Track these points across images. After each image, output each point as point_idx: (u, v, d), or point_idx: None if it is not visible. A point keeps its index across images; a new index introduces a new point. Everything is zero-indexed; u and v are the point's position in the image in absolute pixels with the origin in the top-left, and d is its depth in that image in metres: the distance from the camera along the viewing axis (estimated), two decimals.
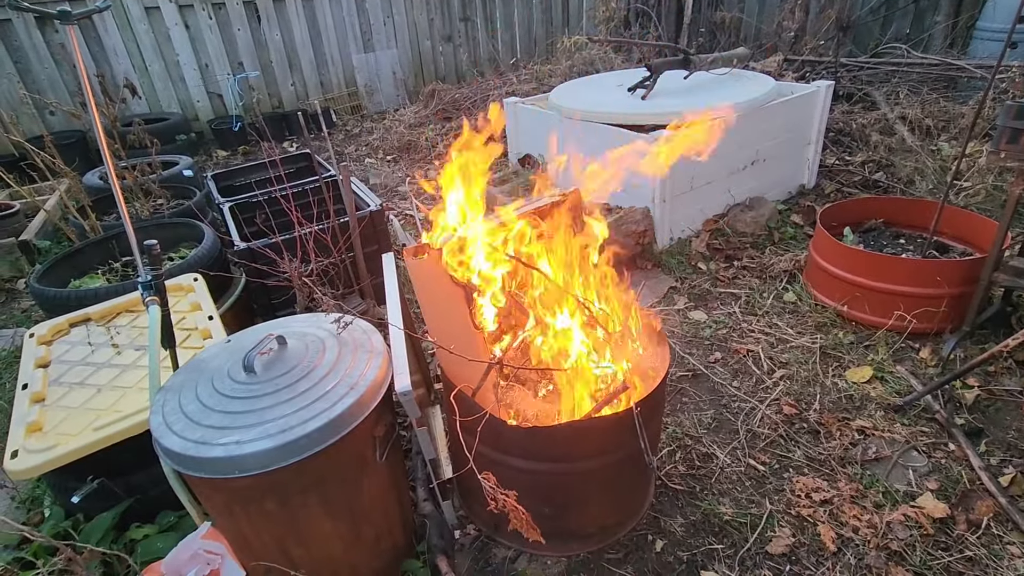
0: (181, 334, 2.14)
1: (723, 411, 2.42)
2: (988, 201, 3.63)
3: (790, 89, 3.93)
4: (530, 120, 4.25)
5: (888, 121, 4.63)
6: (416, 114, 6.53)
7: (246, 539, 1.49)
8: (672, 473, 2.13)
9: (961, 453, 2.11)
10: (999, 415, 2.28)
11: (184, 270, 2.49)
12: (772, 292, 3.12)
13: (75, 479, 1.73)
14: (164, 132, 5.54)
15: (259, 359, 1.47)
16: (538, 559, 1.85)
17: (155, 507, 1.89)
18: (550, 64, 7.08)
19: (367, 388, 1.43)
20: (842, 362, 2.61)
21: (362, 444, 1.47)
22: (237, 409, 1.35)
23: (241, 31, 6.54)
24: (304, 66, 7.02)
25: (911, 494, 1.98)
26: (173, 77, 6.42)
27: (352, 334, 1.62)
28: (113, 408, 1.80)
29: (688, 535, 1.91)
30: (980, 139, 4.08)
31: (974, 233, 2.88)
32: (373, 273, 2.70)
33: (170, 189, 3.73)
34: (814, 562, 1.80)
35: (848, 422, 2.29)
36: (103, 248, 2.93)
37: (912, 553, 1.79)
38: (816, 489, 2.02)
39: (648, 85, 3.73)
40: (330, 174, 3.33)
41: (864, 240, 3.13)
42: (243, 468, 1.27)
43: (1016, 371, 2.45)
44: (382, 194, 4.84)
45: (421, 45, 7.66)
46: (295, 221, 2.52)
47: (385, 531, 1.68)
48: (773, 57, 5.45)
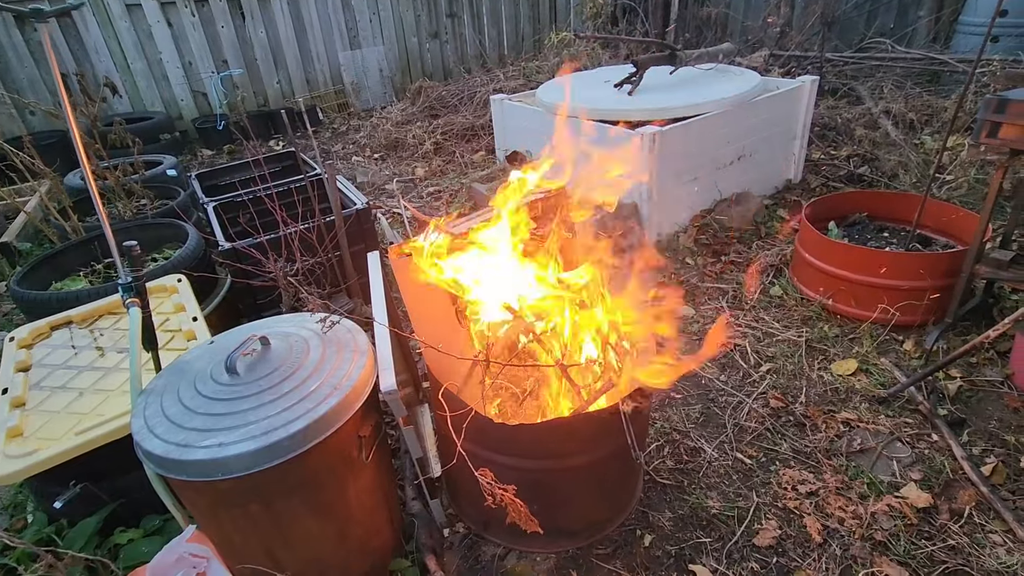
0: (165, 336, 2.11)
1: (711, 405, 2.43)
2: (971, 194, 3.68)
3: (776, 84, 3.95)
4: (517, 117, 4.24)
5: (873, 115, 4.67)
6: (403, 111, 6.50)
7: (232, 542, 1.48)
8: (660, 468, 2.15)
9: (944, 443, 2.14)
10: (981, 405, 2.31)
11: (168, 271, 2.47)
12: (758, 286, 3.14)
13: (58, 484, 1.71)
14: (147, 131, 5.47)
15: (242, 360, 1.45)
16: (527, 556, 1.85)
17: (140, 511, 1.87)
18: (537, 60, 7.07)
19: (351, 388, 1.42)
20: (827, 355, 2.63)
21: (347, 444, 1.46)
22: (220, 411, 1.34)
23: (225, 28, 6.47)
24: (289, 63, 6.95)
25: (895, 485, 2.01)
26: (156, 76, 6.34)
27: (337, 334, 1.61)
28: (95, 412, 1.78)
29: (676, 529, 1.92)
30: (962, 133, 4.12)
31: (956, 226, 2.91)
32: (360, 272, 2.68)
33: (154, 189, 3.69)
34: (800, 554, 1.82)
35: (833, 414, 2.32)
36: (85, 250, 2.89)
37: (896, 543, 1.81)
38: (802, 481, 2.04)
39: (634, 81, 3.73)
40: (315, 173, 3.30)
41: (849, 234, 3.16)
42: (226, 470, 1.26)
43: (998, 362, 2.49)
44: (369, 192, 4.81)
45: (408, 42, 7.62)
46: (280, 220, 2.49)
47: (373, 531, 1.68)
48: (759, 52, 5.48)
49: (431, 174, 5.08)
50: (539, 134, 4.03)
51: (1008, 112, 2.15)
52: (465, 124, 5.75)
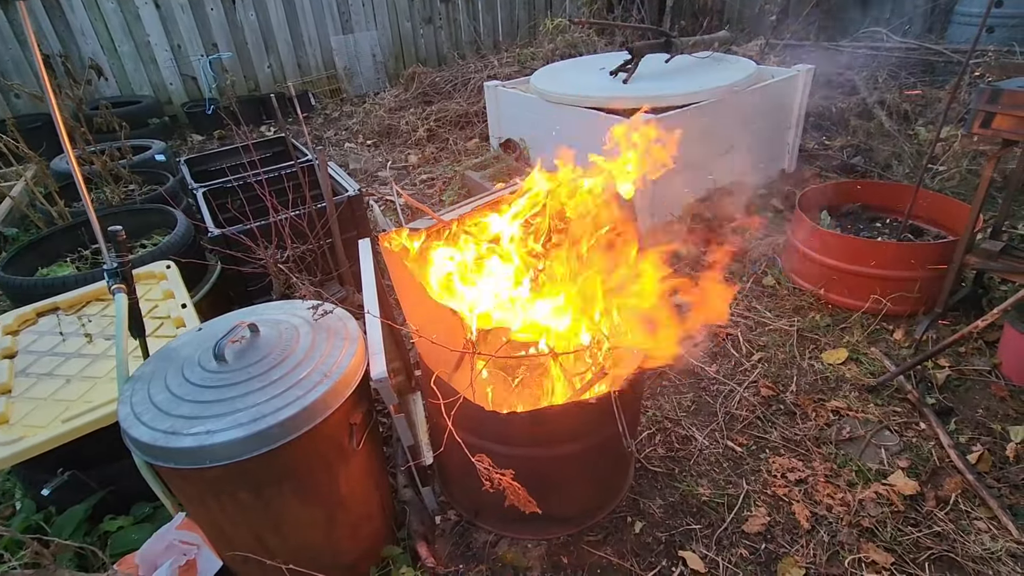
0: (153, 323, 2.09)
1: (702, 394, 2.44)
2: (963, 185, 3.69)
3: (771, 73, 3.93)
4: (512, 104, 4.20)
5: (867, 105, 4.66)
6: (396, 98, 6.42)
7: (222, 529, 1.48)
8: (652, 456, 2.16)
9: (931, 432, 2.16)
10: (969, 394, 2.34)
11: (156, 257, 2.44)
12: (751, 276, 3.14)
13: (45, 472, 1.70)
14: (136, 116, 5.38)
15: (230, 347, 1.44)
16: (518, 543, 1.86)
17: (130, 498, 1.86)
18: (532, 47, 7.00)
19: (342, 375, 1.41)
20: (818, 344, 2.65)
21: (337, 432, 1.45)
22: (208, 398, 1.33)
23: (214, 11, 6.35)
24: (281, 48, 6.85)
25: (883, 472, 2.03)
26: (144, 59, 6.23)
27: (327, 321, 1.60)
28: (83, 399, 1.76)
29: (667, 516, 1.94)
30: (956, 124, 4.13)
31: (948, 216, 2.92)
32: (352, 260, 2.66)
33: (142, 175, 3.63)
34: (788, 540, 1.84)
35: (823, 403, 2.33)
36: (72, 235, 2.84)
37: (883, 529, 1.83)
38: (791, 469, 2.06)
39: (630, 68, 3.70)
40: (307, 159, 3.26)
41: (841, 224, 3.16)
42: (214, 458, 1.25)
43: (986, 351, 2.51)
44: (362, 179, 4.77)
45: (401, 27, 7.52)
46: (270, 207, 2.46)
47: (364, 518, 1.68)
48: (755, 41, 5.45)
49: (424, 161, 5.03)
50: (534, 121, 3.99)
51: (1001, 102, 2.14)
52: (459, 111, 5.69)
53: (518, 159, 4.21)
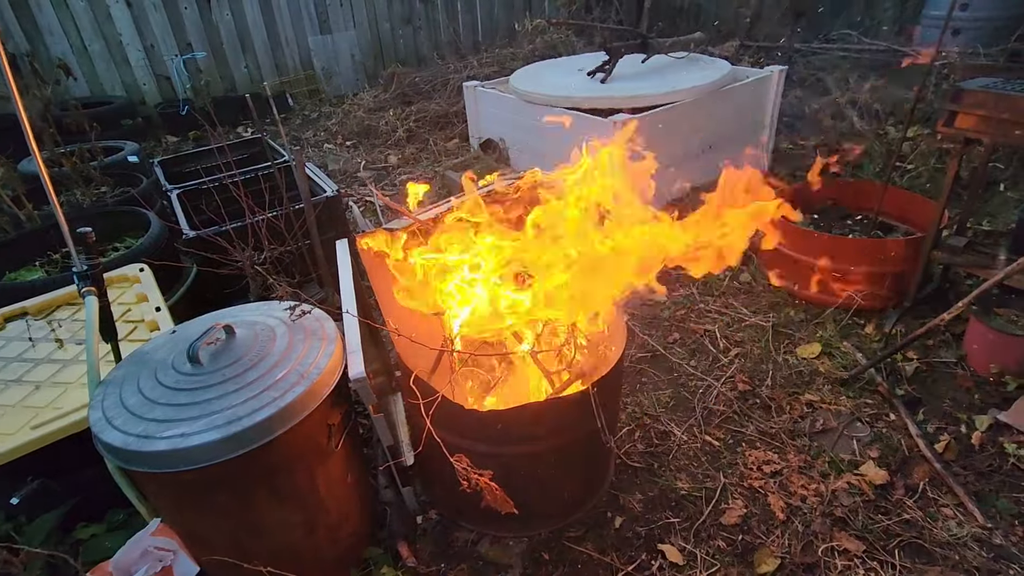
0: (126, 326, 2.06)
1: (680, 390, 2.48)
2: (931, 183, 3.79)
3: (745, 73, 4.00)
4: (491, 104, 4.21)
5: (839, 106, 4.77)
6: (375, 98, 6.39)
7: (198, 534, 1.46)
8: (631, 451, 2.18)
9: (901, 422, 2.22)
10: (936, 385, 2.41)
11: (129, 260, 2.39)
12: (728, 273, 3.19)
13: (15, 480, 1.66)
14: (108, 116, 5.25)
15: (205, 349, 1.42)
16: (500, 541, 1.87)
17: (104, 505, 1.82)
18: (512, 48, 7.01)
19: (319, 376, 1.40)
20: (793, 339, 2.70)
21: (316, 433, 1.45)
22: (182, 401, 1.31)
23: (188, 10, 6.25)
24: (257, 48, 6.76)
25: (854, 463, 2.08)
26: (116, 58, 6.09)
27: (304, 321, 1.59)
28: (53, 405, 1.72)
29: (646, 510, 1.96)
30: (923, 123, 4.24)
31: (916, 213, 3.00)
32: (331, 261, 2.64)
33: (115, 176, 3.55)
34: (764, 531, 1.87)
35: (798, 396, 2.38)
36: (41, 239, 2.77)
37: (855, 518, 1.88)
38: (767, 461, 2.10)
39: (607, 69, 3.74)
40: (284, 160, 3.23)
41: (814, 222, 3.23)
42: (190, 461, 1.24)
43: (952, 344, 2.58)
44: (341, 180, 4.73)
45: (380, 27, 7.47)
46: (246, 208, 2.44)
47: (344, 519, 1.67)
48: (730, 42, 5.53)
49: (404, 162, 5.01)
50: (513, 122, 4.01)
51: (963, 102, 2.22)
52: (439, 111, 5.68)
53: (498, 159, 4.23)
